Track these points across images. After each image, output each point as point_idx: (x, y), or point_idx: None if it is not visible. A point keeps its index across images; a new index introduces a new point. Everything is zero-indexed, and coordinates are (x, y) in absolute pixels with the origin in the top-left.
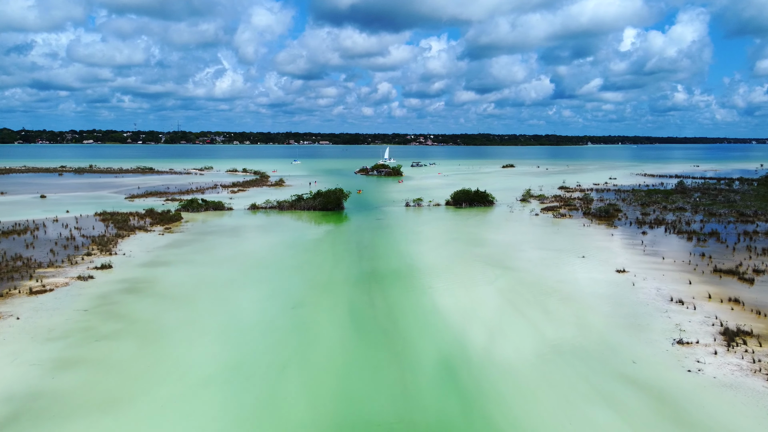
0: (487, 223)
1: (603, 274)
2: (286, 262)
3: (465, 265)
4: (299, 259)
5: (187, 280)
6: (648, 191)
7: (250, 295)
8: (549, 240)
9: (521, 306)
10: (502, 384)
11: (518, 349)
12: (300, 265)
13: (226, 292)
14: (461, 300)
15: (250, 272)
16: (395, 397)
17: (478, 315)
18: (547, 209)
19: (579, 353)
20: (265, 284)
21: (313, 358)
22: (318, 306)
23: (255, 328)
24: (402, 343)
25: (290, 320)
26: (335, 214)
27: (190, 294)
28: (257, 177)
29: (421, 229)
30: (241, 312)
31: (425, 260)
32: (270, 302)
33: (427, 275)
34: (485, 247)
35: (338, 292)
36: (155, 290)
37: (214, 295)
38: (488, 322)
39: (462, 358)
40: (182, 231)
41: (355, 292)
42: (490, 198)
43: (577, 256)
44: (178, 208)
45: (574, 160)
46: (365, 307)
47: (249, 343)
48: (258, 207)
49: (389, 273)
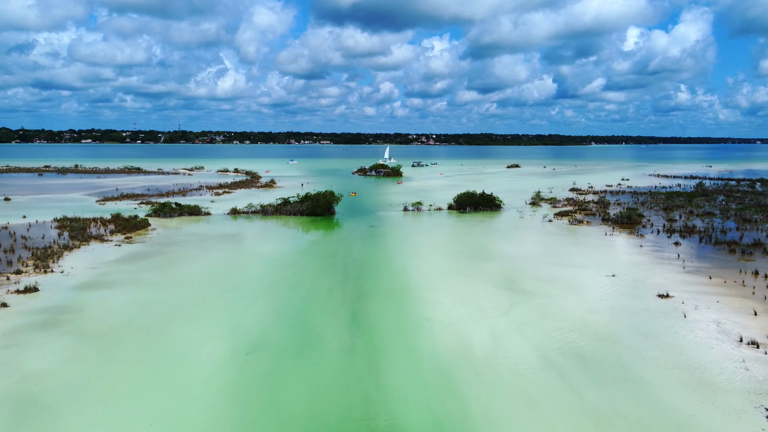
0: (495, 231)
1: (643, 301)
2: (255, 283)
3: (471, 287)
4: (272, 279)
5: (123, 309)
6: (668, 194)
7: (196, 333)
8: (568, 252)
9: (549, 353)
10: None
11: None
12: (271, 286)
13: (167, 327)
14: (469, 342)
15: (208, 297)
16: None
17: (492, 368)
18: (560, 214)
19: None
20: (221, 315)
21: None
22: (280, 350)
23: (187, 389)
24: (388, 418)
25: (239, 374)
26: (324, 220)
27: (118, 331)
28: (248, 178)
29: (420, 238)
30: (175, 361)
31: (423, 281)
32: (219, 344)
33: (424, 302)
34: (494, 261)
35: (310, 329)
36: (76, 325)
37: (148, 332)
38: (508, 384)
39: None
40: (144, 241)
41: (331, 328)
42: (497, 201)
43: (604, 273)
44: (149, 212)
45: (581, 160)
46: (342, 354)
47: (169, 417)
48: (239, 211)
49: (378, 299)
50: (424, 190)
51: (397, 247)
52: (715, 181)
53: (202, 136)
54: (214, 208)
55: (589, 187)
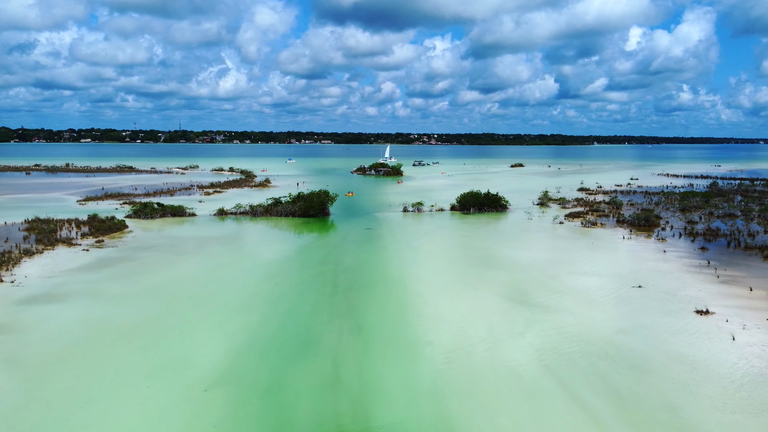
0: (503, 234)
1: (680, 318)
2: (230, 296)
3: (478, 300)
4: (250, 291)
5: (68, 330)
6: (682, 193)
7: (149, 361)
8: (585, 259)
9: (579, 390)
10: None
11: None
12: (248, 301)
13: (115, 353)
14: (480, 377)
15: (171, 314)
16: None
17: (509, 412)
18: (571, 215)
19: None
20: (182, 338)
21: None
22: (247, 386)
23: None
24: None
25: (191, 417)
26: (318, 222)
27: (54, 359)
28: (242, 177)
29: (420, 242)
30: (114, 399)
31: (424, 293)
32: (173, 376)
33: (425, 320)
34: (503, 269)
35: (286, 357)
36: (4, 351)
37: (91, 360)
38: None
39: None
40: (117, 245)
41: (312, 356)
42: (503, 202)
43: (630, 284)
44: (129, 213)
45: (585, 160)
46: (323, 391)
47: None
48: (226, 212)
49: (371, 317)
50: (425, 190)
51: (394, 252)
52: (728, 180)
53: (202, 135)
54: (200, 209)
55: (598, 186)
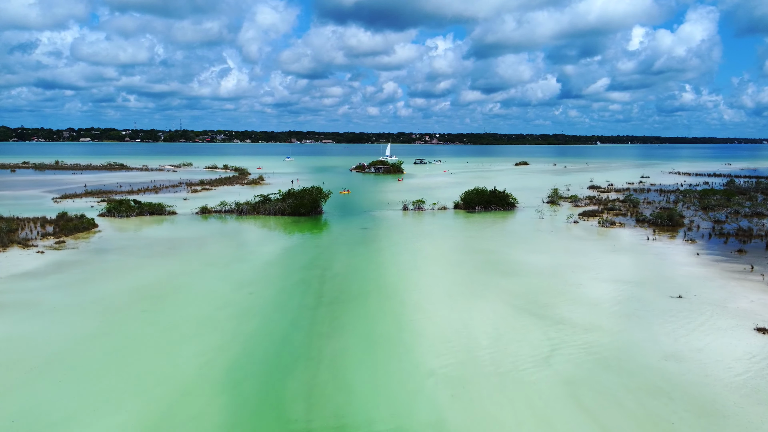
0: (513, 235)
1: (739, 338)
2: (189, 311)
3: (490, 313)
4: (218, 303)
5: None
6: (701, 191)
7: (70, 399)
8: (610, 263)
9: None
10: None
11: None
12: (209, 318)
13: (29, 385)
14: (496, 421)
15: (110, 335)
16: None
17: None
18: (586, 214)
19: None
20: (121, 366)
21: None
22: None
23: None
24: None
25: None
26: (310, 221)
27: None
28: (235, 174)
29: (420, 244)
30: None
31: (424, 305)
32: (97, 422)
33: (425, 341)
34: (517, 276)
35: (247, 394)
36: None
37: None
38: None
39: None
40: (78, 246)
41: (281, 391)
42: (511, 200)
43: (668, 294)
44: (102, 211)
45: (591, 158)
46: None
47: None
48: (210, 210)
49: (359, 339)
50: (426, 188)
51: (391, 255)
52: (744, 179)
53: (203, 135)
54: (183, 207)
55: (608, 184)
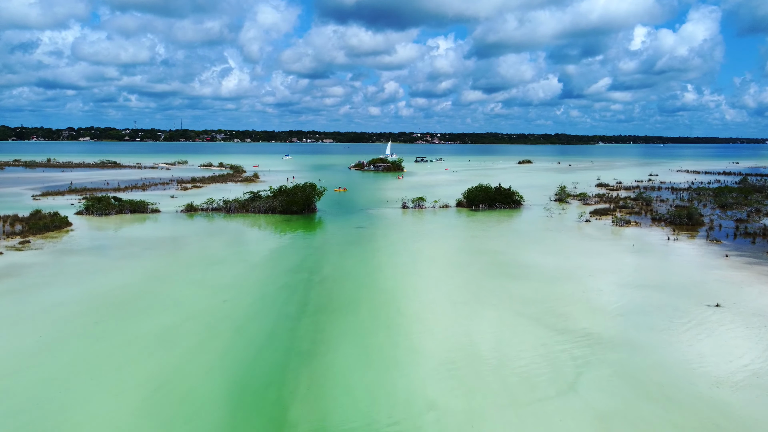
0: (521, 235)
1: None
2: (150, 323)
3: (501, 326)
4: (182, 314)
5: None
6: (716, 189)
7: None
8: (631, 266)
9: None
10: None
11: None
12: (172, 331)
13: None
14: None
15: (52, 353)
16: None
17: None
18: (597, 213)
19: None
20: (40, 400)
21: None
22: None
23: None
24: None
25: None
26: (302, 220)
27: None
28: (230, 172)
29: (420, 244)
30: None
31: (423, 316)
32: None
33: (425, 365)
34: (529, 280)
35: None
36: None
37: None
38: None
39: None
40: (43, 247)
41: (248, 429)
42: (517, 197)
43: (704, 302)
44: (80, 209)
45: (595, 157)
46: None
47: None
48: (196, 209)
49: (346, 358)
50: (427, 186)
51: (388, 257)
52: (755, 177)
53: (203, 134)
54: (169, 205)
55: (617, 182)
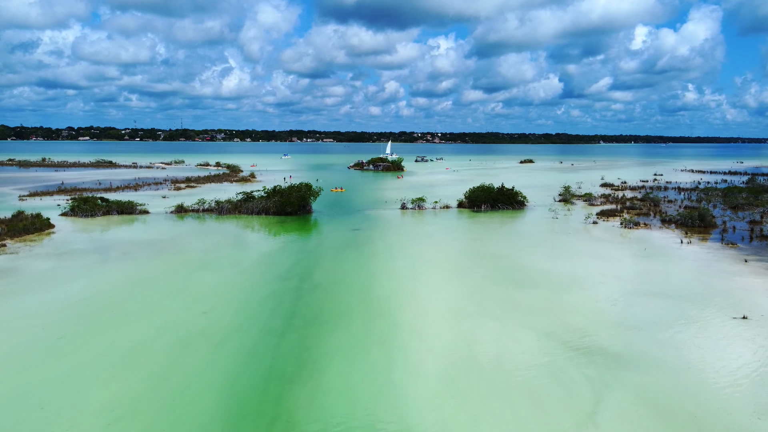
0: (526, 238)
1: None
2: (118, 337)
3: (509, 342)
4: (156, 327)
5: None
6: (725, 189)
7: None
8: (644, 272)
9: None
10: None
11: None
12: (141, 348)
13: None
14: None
15: (2, 375)
16: None
17: None
18: (604, 214)
19: None
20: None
21: None
22: None
23: None
24: None
25: None
26: (296, 221)
27: None
28: (226, 171)
29: (419, 248)
30: None
31: (422, 330)
32: None
33: (424, 389)
34: (537, 289)
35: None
36: None
37: None
38: None
39: None
40: (18, 251)
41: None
42: (520, 197)
43: (728, 314)
44: (65, 210)
45: (597, 157)
46: None
47: None
48: (187, 209)
49: (329, 382)
50: (427, 186)
51: (385, 261)
52: (763, 177)
53: (203, 134)
54: (159, 206)
55: (622, 182)
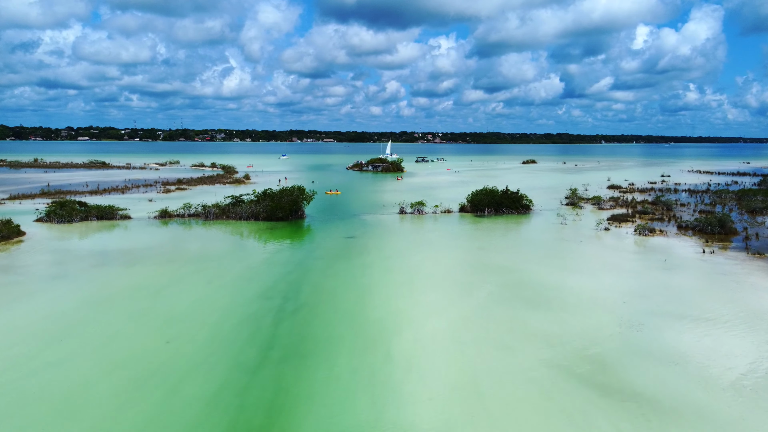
0: (534, 247)
1: None
2: (61, 376)
3: (522, 381)
4: (111, 360)
5: None
6: (740, 191)
7: None
8: (670, 289)
9: None
10: None
11: None
12: (86, 387)
13: None
14: None
15: None
16: None
17: None
18: (615, 219)
19: None
20: None
21: None
22: None
23: None
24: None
25: None
26: (287, 228)
27: None
28: (220, 172)
29: (418, 258)
30: None
31: (418, 362)
32: None
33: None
34: (551, 310)
35: None
36: None
37: None
38: None
39: None
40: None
41: None
42: (526, 201)
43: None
44: (41, 215)
45: (600, 157)
46: None
47: None
48: (171, 214)
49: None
50: (428, 188)
51: (380, 275)
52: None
53: (202, 134)
54: (145, 210)
55: (629, 184)
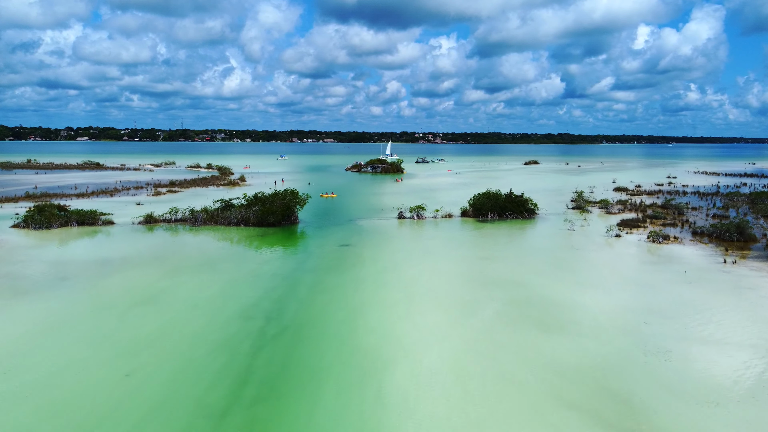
0: (542, 256)
1: None
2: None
3: (535, 427)
4: (54, 400)
5: None
6: (752, 194)
7: None
8: (695, 309)
9: None
10: None
11: None
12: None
13: None
14: None
15: None
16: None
17: None
18: (625, 225)
19: None
20: None
21: None
22: None
23: None
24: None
25: None
26: (279, 234)
27: None
28: (215, 174)
29: (416, 271)
30: None
31: (417, 405)
32: None
33: None
34: (566, 334)
35: None
36: None
37: None
38: None
39: None
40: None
41: None
42: (531, 205)
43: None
44: (18, 221)
45: (603, 157)
46: None
47: None
48: (157, 220)
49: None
50: (428, 190)
51: (374, 290)
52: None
53: (202, 134)
54: (130, 215)
55: (636, 186)
